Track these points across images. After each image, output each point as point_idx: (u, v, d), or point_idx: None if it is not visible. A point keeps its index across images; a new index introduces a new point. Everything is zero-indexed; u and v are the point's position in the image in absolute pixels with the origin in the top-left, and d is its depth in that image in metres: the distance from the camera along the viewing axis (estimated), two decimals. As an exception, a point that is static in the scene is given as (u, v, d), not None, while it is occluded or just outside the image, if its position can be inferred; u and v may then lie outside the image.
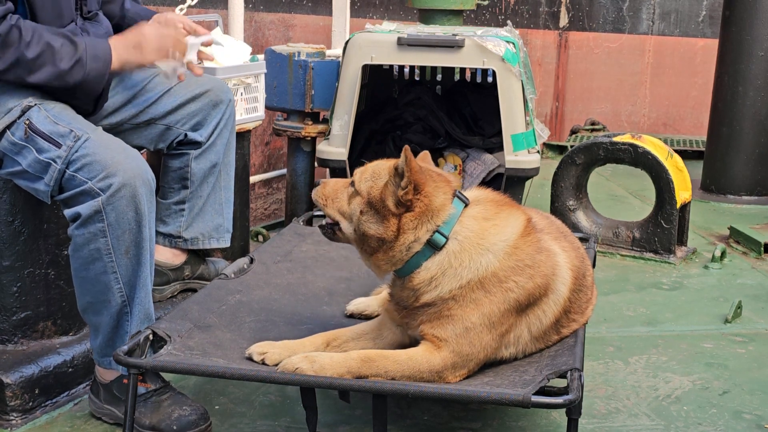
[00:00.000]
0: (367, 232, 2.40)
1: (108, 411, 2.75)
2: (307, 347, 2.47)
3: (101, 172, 2.52)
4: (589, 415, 2.88)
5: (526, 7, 8.44)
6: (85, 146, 2.56)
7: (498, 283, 2.37)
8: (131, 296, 2.64)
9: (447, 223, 2.39)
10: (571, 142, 7.44)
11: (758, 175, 5.97)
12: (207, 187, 3.27)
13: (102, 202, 2.52)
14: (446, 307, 2.38)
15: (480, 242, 2.39)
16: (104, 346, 2.70)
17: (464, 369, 2.38)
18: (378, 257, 2.42)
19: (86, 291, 2.65)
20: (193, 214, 3.28)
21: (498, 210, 2.48)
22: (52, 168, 2.56)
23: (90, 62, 2.62)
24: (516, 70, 4.52)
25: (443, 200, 2.41)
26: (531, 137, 4.64)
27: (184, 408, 2.66)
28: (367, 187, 2.41)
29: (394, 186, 2.37)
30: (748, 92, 5.90)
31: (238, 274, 3.06)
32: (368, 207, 2.40)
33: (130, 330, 2.66)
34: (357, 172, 2.48)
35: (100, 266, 2.59)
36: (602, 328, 3.68)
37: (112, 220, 2.54)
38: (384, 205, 2.38)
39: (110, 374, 2.74)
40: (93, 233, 2.55)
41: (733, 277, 4.42)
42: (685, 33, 8.46)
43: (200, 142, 3.19)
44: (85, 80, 2.64)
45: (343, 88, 4.66)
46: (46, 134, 2.57)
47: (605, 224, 4.75)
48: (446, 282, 2.37)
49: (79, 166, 2.54)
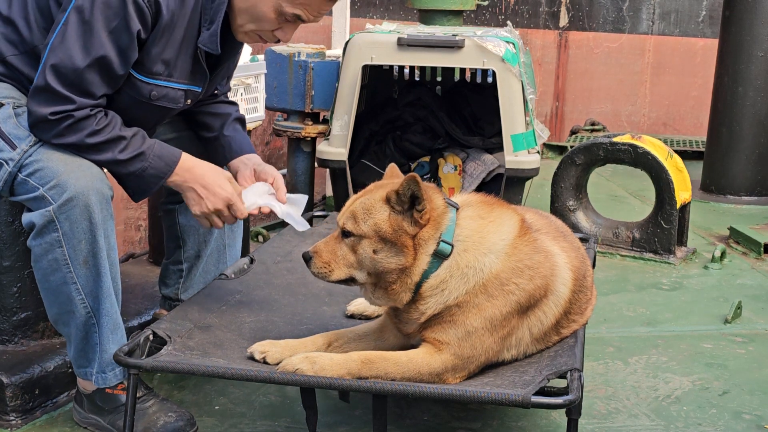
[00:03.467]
0: (387, 268, 2.36)
1: (93, 420, 2.73)
2: (309, 347, 2.47)
3: (52, 179, 2.47)
4: (589, 416, 2.88)
5: (526, 7, 8.44)
6: (38, 151, 2.51)
7: (500, 286, 2.37)
8: (95, 307, 2.58)
9: (448, 229, 2.39)
10: (571, 143, 7.45)
11: (758, 176, 5.98)
12: (204, 246, 3.12)
13: (53, 211, 2.47)
14: (449, 314, 2.38)
15: (481, 240, 2.40)
16: (78, 357, 2.66)
17: (464, 371, 2.38)
18: (395, 288, 2.39)
19: (52, 302, 2.61)
20: (193, 275, 3.15)
21: (490, 209, 2.48)
22: (4, 169, 2.51)
23: (153, 159, 2.56)
24: (516, 70, 4.52)
25: (443, 208, 2.41)
26: (531, 137, 4.64)
27: (169, 414, 2.63)
28: (371, 225, 2.36)
29: (399, 213, 2.35)
30: (748, 92, 5.90)
31: (238, 274, 3.06)
32: (382, 243, 2.36)
33: (99, 341, 2.61)
34: (345, 219, 2.40)
35: (60, 277, 2.54)
36: (602, 329, 3.68)
37: (66, 229, 2.49)
38: (399, 233, 2.35)
39: (90, 385, 2.70)
40: (49, 243, 2.51)
41: (732, 278, 4.42)
42: (685, 33, 8.46)
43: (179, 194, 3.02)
44: (141, 174, 2.56)
45: (343, 88, 4.66)
46: (5, 134, 2.53)
47: (605, 224, 4.76)
48: (456, 284, 2.36)
49: (31, 171, 2.50)
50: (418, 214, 2.34)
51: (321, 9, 2.60)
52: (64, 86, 2.44)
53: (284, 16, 2.57)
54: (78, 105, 2.46)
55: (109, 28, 2.44)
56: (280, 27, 2.61)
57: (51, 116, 2.45)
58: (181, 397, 2.95)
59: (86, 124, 2.48)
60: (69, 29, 2.44)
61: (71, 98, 2.45)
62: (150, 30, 2.52)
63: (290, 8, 2.53)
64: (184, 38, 2.59)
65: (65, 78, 2.44)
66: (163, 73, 2.61)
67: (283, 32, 2.63)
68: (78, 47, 2.44)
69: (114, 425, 2.66)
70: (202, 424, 2.74)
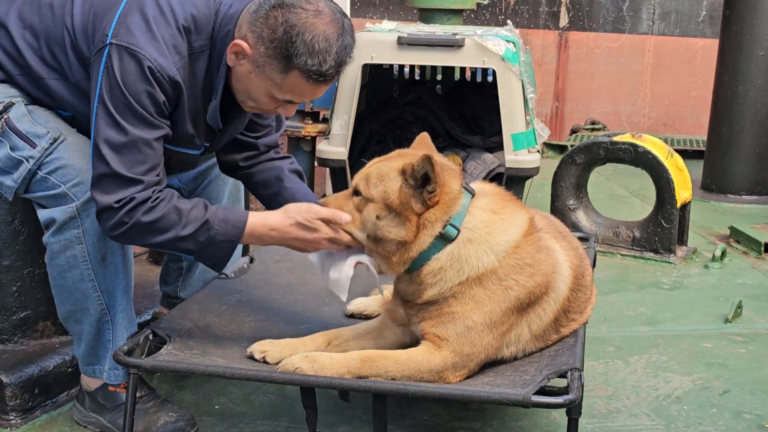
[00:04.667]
0: (387, 237, 2.39)
1: (93, 419, 2.73)
2: (308, 346, 2.46)
3: (75, 177, 2.49)
4: (589, 415, 2.88)
5: (526, 7, 8.44)
6: (59, 149, 2.52)
7: (497, 281, 2.37)
8: (111, 304, 2.61)
9: (458, 214, 2.39)
10: (572, 142, 7.45)
11: (758, 175, 5.98)
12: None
13: (77, 208, 2.49)
14: (447, 305, 2.38)
15: (487, 236, 2.40)
16: (87, 355, 2.68)
17: (465, 369, 2.38)
18: (392, 260, 2.41)
19: (65, 299, 2.62)
20: (192, 273, 3.15)
21: (504, 204, 2.49)
22: (23, 166, 2.52)
23: (219, 225, 2.47)
24: (516, 69, 4.52)
25: (457, 193, 2.41)
26: (531, 137, 4.63)
27: (170, 414, 2.63)
28: (380, 192, 2.39)
29: (410, 188, 2.36)
30: (748, 92, 5.90)
31: (238, 274, 3.06)
32: (386, 211, 2.38)
33: (112, 338, 2.63)
34: (359, 179, 2.45)
35: (77, 273, 2.56)
36: (602, 328, 3.68)
37: (88, 226, 2.51)
38: (405, 207, 2.36)
39: (96, 382, 2.71)
40: (69, 240, 2.52)
41: (733, 277, 4.42)
42: (685, 33, 8.46)
43: (178, 188, 3.02)
44: (211, 242, 2.47)
45: (343, 87, 4.66)
46: (22, 133, 2.54)
47: (605, 224, 4.75)
48: (452, 274, 2.37)
49: (52, 168, 2.51)
50: (428, 194, 2.35)
51: (313, 95, 2.54)
52: (126, 168, 2.39)
53: (277, 101, 2.53)
54: (146, 184, 2.41)
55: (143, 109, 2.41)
56: (278, 106, 2.56)
57: (116, 204, 2.39)
58: (181, 397, 2.94)
59: (143, 205, 2.41)
60: (100, 118, 2.41)
61: (136, 179, 2.40)
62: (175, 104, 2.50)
63: (280, 95, 2.48)
64: (195, 108, 2.57)
65: (125, 160, 2.39)
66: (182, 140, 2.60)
67: (285, 110, 2.59)
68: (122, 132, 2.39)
69: (114, 424, 2.66)
70: (202, 424, 2.73)
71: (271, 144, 2.95)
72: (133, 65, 2.38)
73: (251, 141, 2.90)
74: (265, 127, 2.92)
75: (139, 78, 2.38)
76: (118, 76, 2.38)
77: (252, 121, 2.87)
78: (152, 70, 2.39)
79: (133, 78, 2.38)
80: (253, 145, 2.90)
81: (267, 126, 2.93)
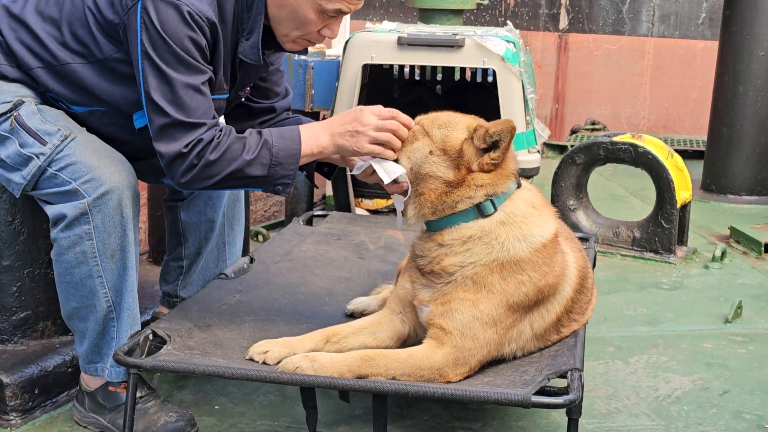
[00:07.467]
0: (432, 173, 2.42)
1: (93, 419, 2.73)
2: (307, 344, 2.46)
3: (86, 173, 2.50)
4: (589, 415, 2.88)
5: (526, 9, 8.45)
6: (70, 146, 2.53)
7: (514, 273, 2.39)
8: (117, 301, 2.61)
9: (502, 194, 2.43)
10: (572, 142, 7.45)
11: (758, 175, 5.98)
12: (205, 243, 3.11)
13: (88, 204, 2.50)
14: (461, 289, 2.38)
15: (523, 226, 2.43)
16: (90, 353, 2.67)
17: (466, 366, 2.37)
18: (425, 198, 2.43)
19: (71, 296, 2.61)
20: (192, 272, 3.15)
21: (543, 204, 2.55)
22: (33, 163, 2.53)
23: (277, 141, 2.50)
24: (516, 69, 4.52)
25: (510, 174, 2.45)
26: (531, 137, 4.64)
27: (170, 414, 2.63)
28: (442, 134, 2.43)
29: (475, 148, 2.40)
30: (748, 92, 5.90)
31: (238, 273, 3.05)
32: (440, 151, 2.42)
33: (117, 335, 2.63)
34: (425, 118, 2.49)
35: (86, 270, 2.56)
36: (602, 328, 3.68)
37: (98, 222, 2.52)
38: (461, 158, 2.40)
39: (96, 381, 2.71)
40: (78, 235, 2.53)
41: (733, 277, 4.42)
42: (685, 35, 8.47)
43: (181, 192, 3.07)
44: (277, 161, 2.49)
45: (343, 87, 4.66)
46: (32, 130, 2.55)
47: (605, 224, 4.75)
48: (480, 249, 2.39)
49: (62, 165, 2.52)
50: (490, 159, 2.39)
51: None
52: (185, 114, 2.43)
53: (326, 14, 2.55)
54: (209, 125, 2.45)
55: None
56: (325, 25, 2.58)
57: (184, 149, 2.43)
58: (181, 397, 2.94)
59: (210, 144, 2.45)
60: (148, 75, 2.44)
61: (199, 123, 2.44)
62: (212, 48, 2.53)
63: (330, 5, 2.52)
64: (224, 51, 2.59)
65: (182, 106, 2.43)
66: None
67: (330, 29, 2.61)
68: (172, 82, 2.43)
69: (114, 424, 2.66)
70: (202, 424, 2.73)
71: (285, 107, 3.03)
72: (172, 12, 2.40)
73: (267, 106, 2.97)
74: (278, 94, 2.99)
75: (180, 23, 2.41)
76: (159, 26, 2.40)
77: (266, 88, 2.94)
78: (191, 15, 2.41)
79: (174, 25, 2.40)
80: (269, 108, 2.97)
81: (279, 93, 3.00)
